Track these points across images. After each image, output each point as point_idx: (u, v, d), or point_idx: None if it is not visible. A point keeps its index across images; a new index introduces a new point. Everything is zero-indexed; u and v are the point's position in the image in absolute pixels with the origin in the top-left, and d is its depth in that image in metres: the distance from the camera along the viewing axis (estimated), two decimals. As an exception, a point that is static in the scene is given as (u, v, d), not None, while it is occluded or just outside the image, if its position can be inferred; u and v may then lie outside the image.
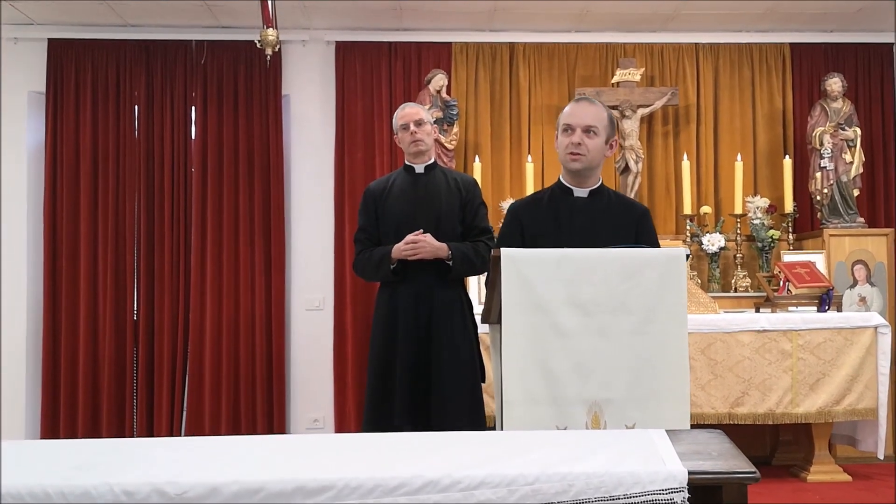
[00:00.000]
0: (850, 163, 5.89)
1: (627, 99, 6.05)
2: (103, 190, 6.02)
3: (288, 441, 1.99)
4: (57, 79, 6.05)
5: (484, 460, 1.65)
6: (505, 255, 2.53)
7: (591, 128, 2.92)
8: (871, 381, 4.83)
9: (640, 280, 2.52)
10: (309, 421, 6.11)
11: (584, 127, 2.91)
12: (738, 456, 1.67)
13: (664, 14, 5.97)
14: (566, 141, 2.93)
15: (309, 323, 6.14)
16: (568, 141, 2.92)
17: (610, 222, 2.97)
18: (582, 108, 2.95)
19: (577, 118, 2.92)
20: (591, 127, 2.92)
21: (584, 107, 2.96)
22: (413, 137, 3.88)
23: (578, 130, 2.91)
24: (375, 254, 3.84)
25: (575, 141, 2.91)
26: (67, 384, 5.90)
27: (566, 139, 2.93)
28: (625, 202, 3.11)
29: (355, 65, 6.17)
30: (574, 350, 2.48)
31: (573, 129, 2.91)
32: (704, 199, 6.22)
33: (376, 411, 3.76)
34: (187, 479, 1.60)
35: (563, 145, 2.94)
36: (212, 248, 6.01)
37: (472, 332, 3.85)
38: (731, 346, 4.83)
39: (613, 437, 1.86)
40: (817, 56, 6.32)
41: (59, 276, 5.97)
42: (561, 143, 2.96)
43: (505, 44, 6.25)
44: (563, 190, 3.04)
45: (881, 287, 5.72)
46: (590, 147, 2.92)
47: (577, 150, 2.91)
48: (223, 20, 6.00)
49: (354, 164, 6.09)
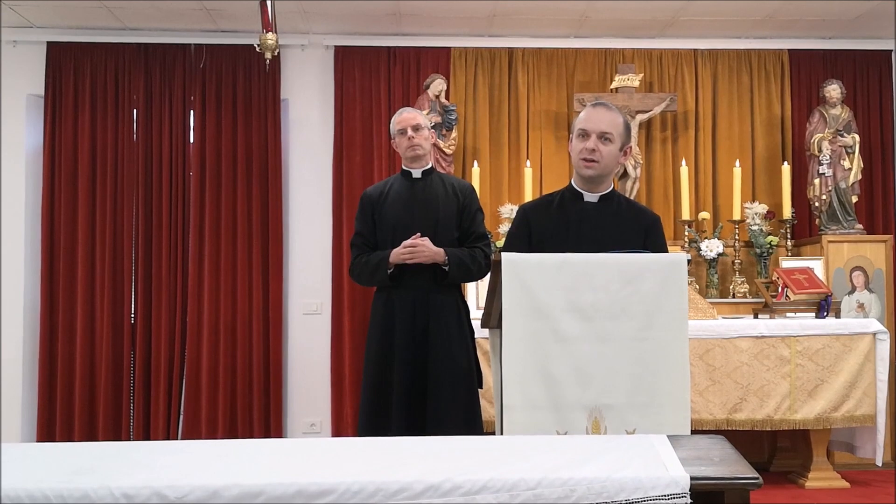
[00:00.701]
0: (848, 169, 5.90)
1: (626, 105, 6.05)
2: (101, 193, 6.01)
3: (288, 445, 1.98)
4: (56, 82, 6.04)
5: (485, 465, 1.64)
6: (506, 260, 2.53)
7: (607, 134, 2.89)
8: (870, 387, 4.83)
9: (641, 285, 2.51)
10: (306, 425, 6.10)
11: (599, 133, 2.89)
12: (739, 461, 1.67)
13: (663, 20, 5.98)
14: (580, 146, 2.91)
15: (306, 327, 6.13)
16: (582, 146, 2.90)
17: (618, 228, 2.95)
18: (598, 114, 2.92)
19: (593, 124, 2.90)
20: (607, 133, 2.89)
21: (600, 112, 2.93)
22: (410, 142, 3.87)
23: (594, 136, 2.89)
24: (372, 259, 3.84)
25: (589, 147, 2.89)
26: (64, 387, 5.89)
27: (581, 144, 2.91)
28: (635, 209, 3.08)
29: (354, 69, 6.17)
30: (574, 355, 2.47)
31: (588, 135, 2.89)
32: (703, 204, 6.23)
33: (372, 416, 3.75)
34: (187, 482, 1.59)
35: (577, 150, 2.92)
36: (210, 252, 6.00)
37: (469, 337, 3.85)
38: (730, 352, 4.83)
39: (615, 442, 1.86)
40: (816, 63, 6.33)
41: (56, 279, 5.96)
42: (575, 147, 2.93)
43: (504, 49, 6.26)
44: (574, 194, 3.02)
45: (879, 293, 5.72)
46: (604, 153, 2.90)
47: (592, 156, 2.89)
48: (222, 24, 6.00)
49: (353, 169, 6.09)
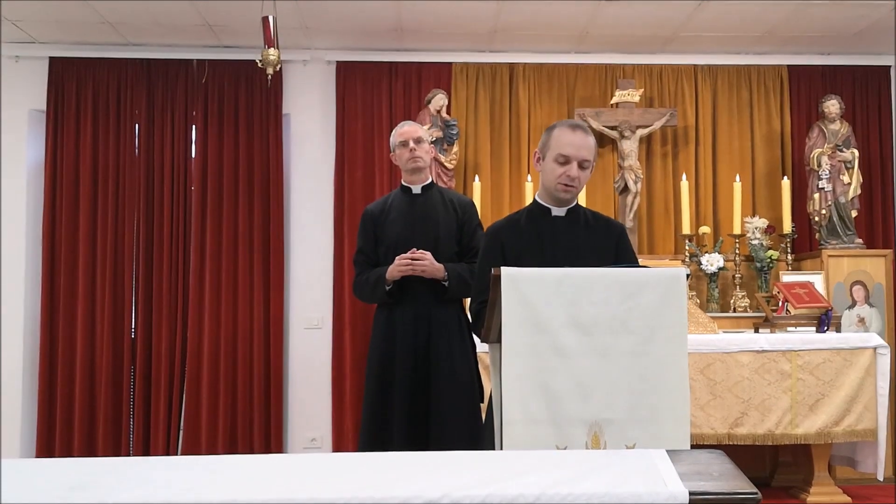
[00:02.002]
0: (847, 184, 5.91)
1: (626, 119, 6.07)
2: (103, 208, 6.02)
3: (286, 460, 1.98)
4: (58, 97, 6.07)
5: (484, 480, 1.64)
6: (505, 275, 2.53)
7: (586, 162, 2.93)
8: (871, 401, 4.82)
9: (641, 300, 2.51)
10: (306, 440, 6.08)
11: (580, 160, 2.92)
12: (739, 477, 1.66)
13: (663, 36, 6.00)
14: (560, 171, 2.91)
15: (307, 342, 6.13)
16: (562, 171, 2.91)
17: (591, 239, 2.98)
18: (581, 140, 2.92)
19: (576, 150, 2.90)
20: (586, 161, 2.93)
21: (582, 138, 2.93)
22: (412, 154, 3.87)
23: (575, 164, 2.91)
24: (371, 276, 3.84)
25: (573, 175, 2.91)
26: (64, 402, 5.88)
27: (560, 169, 2.91)
28: (602, 220, 3.11)
29: (356, 85, 6.19)
30: (574, 370, 2.47)
31: (570, 161, 2.91)
32: (703, 219, 6.23)
33: (373, 432, 3.74)
34: (186, 498, 1.59)
35: (556, 174, 2.92)
36: (211, 267, 6.00)
37: (471, 352, 3.84)
38: (731, 367, 4.82)
39: (614, 457, 1.85)
40: (815, 78, 6.35)
41: (56, 293, 5.96)
42: (553, 170, 2.93)
43: (505, 64, 6.28)
44: (541, 210, 3.04)
45: (880, 308, 5.72)
46: (581, 180, 2.95)
47: (573, 182, 2.92)
48: (224, 40, 6.03)
49: (354, 184, 6.10)
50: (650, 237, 6.28)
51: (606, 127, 6.09)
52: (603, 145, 6.19)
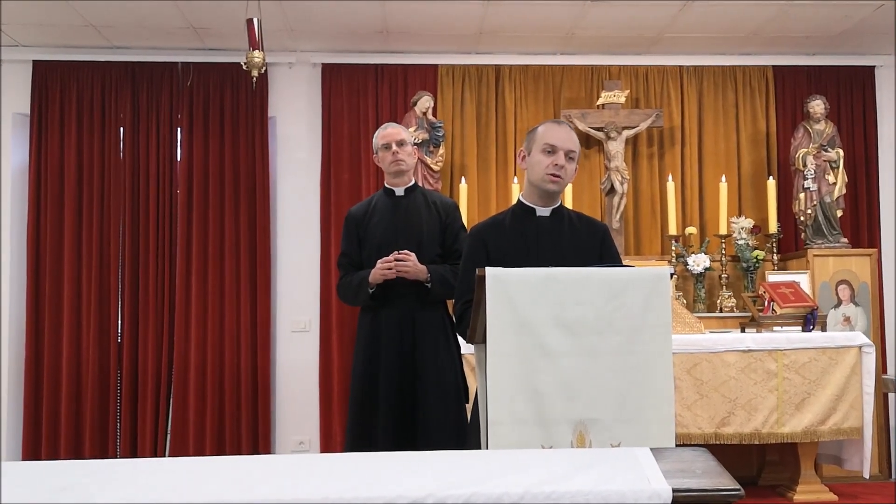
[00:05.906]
0: (833, 184, 5.94)
1: (612, 121, 6.09)
2: (88, 212, 5.99)
3: (271, 461, 1.97)
4: (42, 100, 6.04)
5: (469, 479, 1.64)
6: (490, 275, 2.53)
7: (571, 153, 2.94)
8: (856, 400, 4.85)
9: (626, 299, 2.51)
10: (294, 443, 6.07)
11: (566, 150, 2.93)
12: (722, 474, 1.67)
13: (649, 37, 6.03)
14: (548, 161, 2.92)
15: (295, 345, 6.12)
16: (550, 161, 2.92)
17: (576, 239, 2.99)
18: (565, 132, 2.96)
19: (562, 141, 2.92)
20: (572, 152, 2.94)
21: (566, 130, 2.97)
22: (394, 157, 3.87)
23: (562, 153, 2.92)
24: (354, 279, 3.83)
25: (560, 163, 2.91)
26: (50, 405, 5.86)
27: (548, 159, 2.92)
28: (586, 220, 3.12)
29: (341, 87, 6.19)
30: (560, 370, 2.47)
31: (556, 151, 2.92)
32: (689, 219, 6.26)
33: (359, 433, 3.73)
34: (173, 500, 1.58)
35: (543, 164, 2.93)
36: (197, 270, 5.98)
37: (456, 353, 3.84)
38: (717, 367, 4.84)
39: (599, 455, 1.86)
40: (800, 78, 6.39)
41: (42, 297, 5.93)
42: (541, 161, 2.93)
43: (491, 66, 6.29)
44: (526, 210, 3.04)
45: (865, 307, 5.75)
46: (568, 171, 2.95)
47: (559, 172, 2.92)
48: (209, 42, 6.01)
49: (340, 186, 6.10)
50: (637, 238, 6.30)
51: (592, 128, 6.11)
52: (589, 147, 6.21)
